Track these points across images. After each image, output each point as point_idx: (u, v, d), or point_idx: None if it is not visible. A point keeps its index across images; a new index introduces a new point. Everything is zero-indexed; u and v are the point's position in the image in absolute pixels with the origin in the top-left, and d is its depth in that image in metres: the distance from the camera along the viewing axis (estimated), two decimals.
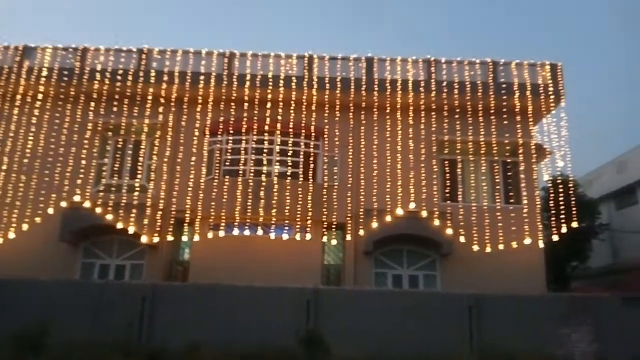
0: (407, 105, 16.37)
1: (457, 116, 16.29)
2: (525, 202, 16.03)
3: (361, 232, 15.21)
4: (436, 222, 14.96)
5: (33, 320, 10.65)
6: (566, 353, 10.97)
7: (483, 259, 15.08)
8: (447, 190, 16.26)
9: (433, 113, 16.39)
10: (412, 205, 15.33)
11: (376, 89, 16.16)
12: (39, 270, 14.05)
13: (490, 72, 16.52)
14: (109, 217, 14.75)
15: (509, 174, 16.69)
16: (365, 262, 15.55)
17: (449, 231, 14.98)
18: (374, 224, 15.01)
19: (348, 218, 15.61)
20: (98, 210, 14.82)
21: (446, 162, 16.59)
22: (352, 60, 16.68)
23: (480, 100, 16.15)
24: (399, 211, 15.06)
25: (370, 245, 15.15)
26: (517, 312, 11.42)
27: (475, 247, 15.14)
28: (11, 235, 15.02)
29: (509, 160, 16.74)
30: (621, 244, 21.44)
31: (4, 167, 15.79)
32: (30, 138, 16.05)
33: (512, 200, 16.20)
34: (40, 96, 16.23)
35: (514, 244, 15.15)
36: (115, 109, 16.03)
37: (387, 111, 16.41)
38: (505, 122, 16.17)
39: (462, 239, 15.09)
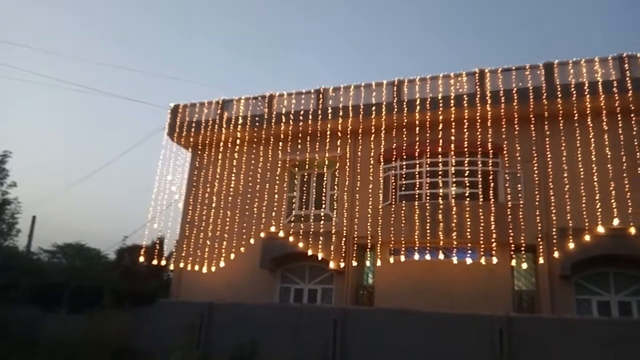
0: (598, 109, 14.65)
1: None
2: None
3: (556, 254, 13.87)
4: None
5: (244, 340, 12.13)
6: None
7: None
8: None
9: (632, 115, 14.37)
10: (616, 222, 13.50)
11: (559, 95, 14.84)
12: (245, 294, 15.98)
13: None
14: (300, 245, 16.10)
15: None
16: (564, 287, 14.06)
17: None
18: (571, 245, 13.57)
19: (539, 239, 14.39)
20: (291, 239, 16.30)
21: None
22: (529, 68, 15.64)
23: None
24: (600, 229, 13.38)
25: (567, 268, 13.68)
26: None
27: None
28: (222, 264, 17.37)
29: None
30: None
31: (214, 205, 18.45)
32: (232, 178, 18.52)
33: None
34: (237, 141, 18.71)
35: None
36: (299, 146, 17.64)
37: (575, 118, 14.91)
38: None
39: None
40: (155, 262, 17.88)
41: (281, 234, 16.55)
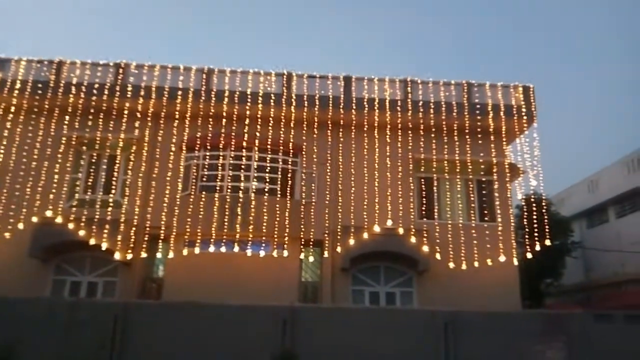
0: (384, 123, 16.59)
1: (433, 135, 16.57)
2: (499, 219, 16.33)
3: (339, 249, 15.22)
4: (413, 240, 15.06)
5: (1, 340, 10.30)
6: None
7: (459, 276, 15.23)
8: (423, 208, 16.46)
9: (410, 132, 16.66)
10: (389, 223, 15.42)
11: (354, 107, 16.35)
12: (8, 287, 13.54)
13: (465, 93, 16.91)
14: (82, 232, 14.41)
15: (484, 192, 17.00)
16: (343, 279, 15.53)
17: (426, 248, 15.12)
18: (351, 241, 15.05)
19: (326, 235, 15.61)
20: (70, 225, 14.45)
21: (423, 180, 16.81)
22: (331, 78, 16.86)
23: (456, 120, 16.48)
24: (376, 228, 15.14)
25: (347, 262, 15.16)
26: (492, 328, 11.53)
27: (451, 265, 15.29)
28: None
29: (483, 179, 17.06)
30: (593, 261, 21.97)
31: None
32: (1, 151, 15.65)
33: (486, 218, 16.49)
34: (12, 109, 15.88)
35: (489, 261, 15.36)
36: (90, 123, 15.77)
37: (365, 129, 16.60)
38: (480, 141, 16.51)
39: (438, 256, 15.23)
40: None
41: (59, 219, 14.56)
